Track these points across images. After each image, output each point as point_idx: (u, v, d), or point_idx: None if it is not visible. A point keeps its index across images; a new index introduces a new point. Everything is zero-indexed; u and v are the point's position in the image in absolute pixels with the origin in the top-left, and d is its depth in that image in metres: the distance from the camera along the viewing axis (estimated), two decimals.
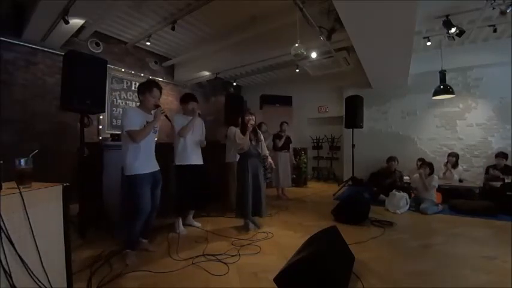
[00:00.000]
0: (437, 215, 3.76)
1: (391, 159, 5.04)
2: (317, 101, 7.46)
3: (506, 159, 4.49)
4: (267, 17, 4.09)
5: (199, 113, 2.92)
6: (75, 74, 2.65)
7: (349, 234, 2.59)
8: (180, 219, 2.96)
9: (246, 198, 3.03)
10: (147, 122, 2.23)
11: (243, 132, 3.05)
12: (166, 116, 2.34)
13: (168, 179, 2.78)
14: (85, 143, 2.94)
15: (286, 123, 4.98)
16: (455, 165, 4.87)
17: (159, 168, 2.40)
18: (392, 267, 2.13)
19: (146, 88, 2.27)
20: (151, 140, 2.31)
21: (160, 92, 2.35)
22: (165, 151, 2.87)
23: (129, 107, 2.72)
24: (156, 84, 2.32)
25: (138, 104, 2.44)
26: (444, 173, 4.86)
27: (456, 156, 4.91)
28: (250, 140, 3.10)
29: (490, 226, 3.24)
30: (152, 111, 2.33)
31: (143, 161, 2.22)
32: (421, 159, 5.10)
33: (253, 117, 3.12)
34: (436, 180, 4.00)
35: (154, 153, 2.40)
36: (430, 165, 4.12)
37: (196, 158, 2.97)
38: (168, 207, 2.89)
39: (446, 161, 4.97)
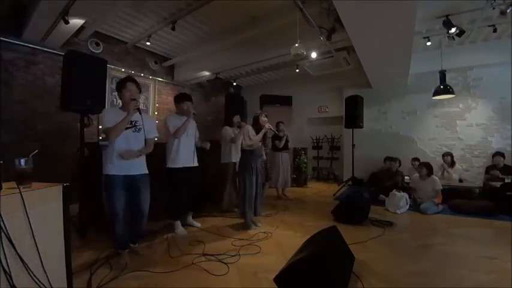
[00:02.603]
0: (437, 215, 3.76)
1: (389, 159, 5.03)
2: (317, 101, 7.46)
3: (504, 158, 4.49)
4: (267, 17, 4.09)
5: (194, 113, 2.85)
6: (75, 74, 2.65)
7: (349, 234, 2.59)
8: (179, 221, 2.93)
9: (249, 198, 3.03)
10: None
11: (257, 131, 3.07)
12: (138, 109, 2.15)
13: (163, 182, 2.76)
14: (85, 143, 2.94)
15: (282, 123, 4.95)
16: (452, 164, 4.87)
17: (144, 171, 2.24)
18: (392, 267, 2.13)
19: (121, 85, 2.19)
20: (133, 140, 2.16)
21: (137, 86, 2.22)
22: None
23: (109, 108, 2.62)
24: (130, 79, 2.22)
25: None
26: (442, 174, 4.86)
27: (451, 155, 4.90)
28: (261, 141, 3.11)
29: (490, 226, 3.25)
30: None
31: (118, 162, 2.08)
32: (416, 159, 5.10)
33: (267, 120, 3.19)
34: (439, 184, 3.98)
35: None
36: (427, 166, 4.10)
37: (190, 160, 2.90)
38: (164, 210, 2.89)
39: (442, 162, 4.96)
